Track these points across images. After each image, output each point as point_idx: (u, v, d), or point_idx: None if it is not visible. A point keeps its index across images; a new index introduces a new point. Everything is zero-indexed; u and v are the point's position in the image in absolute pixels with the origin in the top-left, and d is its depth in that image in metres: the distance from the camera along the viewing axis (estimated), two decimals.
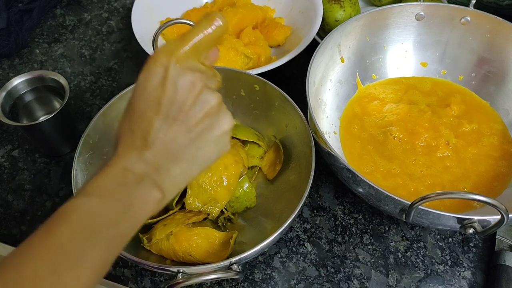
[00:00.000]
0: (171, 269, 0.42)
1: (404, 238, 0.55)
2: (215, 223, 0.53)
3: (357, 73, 0.64)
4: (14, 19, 0.76)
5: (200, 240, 0.49)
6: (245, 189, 0.54)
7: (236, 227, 0.53)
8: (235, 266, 0.41)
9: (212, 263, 0.42)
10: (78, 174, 0.49)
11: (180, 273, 0.41)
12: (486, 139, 0.58)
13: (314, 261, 0.53)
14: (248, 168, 0.57)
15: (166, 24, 0.52)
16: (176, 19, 0.53)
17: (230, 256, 0.46)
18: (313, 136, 0.51)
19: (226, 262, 0.41)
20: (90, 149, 0.52)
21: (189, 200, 0.51)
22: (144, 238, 0.50)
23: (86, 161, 0.51)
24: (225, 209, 0.53)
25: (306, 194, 0.46)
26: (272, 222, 0.52)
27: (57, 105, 0.65)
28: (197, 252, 0.48)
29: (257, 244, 0.43)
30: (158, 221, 0.51)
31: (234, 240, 0.49)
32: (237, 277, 0.41)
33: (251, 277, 0.52)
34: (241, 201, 0.54)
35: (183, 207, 0.52)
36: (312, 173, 0.48)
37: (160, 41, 0.73)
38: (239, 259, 0.42)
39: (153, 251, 0.49)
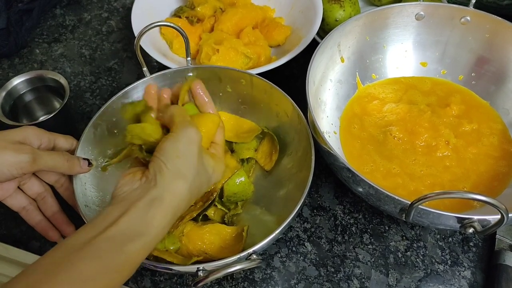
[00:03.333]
0: (189, 269, 0.42)
1: (404, 237, 0.55)
2: (221, 221, 0.53)
3: (357, 73, 0.64)
4: (14, 19, 0.76)
5: (212, 236, 0.49)
6: (237, 183, 0.54)
7: (242, 221, 0.54)
8: (254, 256, 0.42)
9: (229, 257, 0.41)
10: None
11: (200, 271, 0.41)
12: (486, 139, 0.58)
13: (314, 260, 0.53)
14: (243, 161, 0.57)
15: (148, 27, 0.52)
16: (159, 21, 0.53)
17: (243, 248, 0.47)
18: (313, 136, 0.51)
19: (245, 254, 0.42)
20: (92, 144, 0.52)
21: None
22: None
23: (87, 156, 0.51)
24: (228, 209, 0.54)
25: (306, 191, 0.46)
26: (276, 211, 0.53)
27: (57, 105, 0.65)
28: (212, 249, 0.48)
29: (269, 233, 0.43)
30: None
31: (246, 232, 0.49)
32: (260, 265, 0.41)
33: (251, 277, 0.52)
34: (239, 196, 0.54)
35: None
36: (312, 173, 0.48)
37: (160, 41, 0.73)
38: (257, 248, 0.42)
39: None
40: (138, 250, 0.36)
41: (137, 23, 0.70)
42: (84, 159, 0.50)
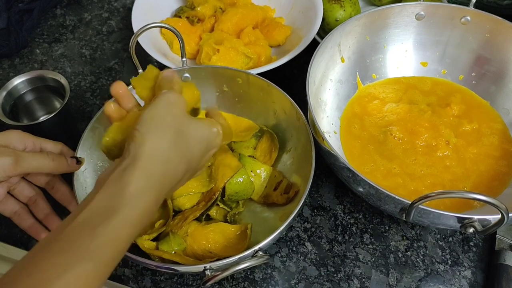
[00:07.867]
0: (196, 268, 0.42)
1: (404, 237, 0.55)
2: (224, 220, 0.54)
3: (357, 73, 0.64)
4: (14, 19, 0.76)
5: (216, 235, 0.49)
6: (239, 181, 0.54)
7: (244, 220, 0.54)
8: (260, 253, 0.42)
9: (236, 255, 0.41)
10: (78, 173, 0.49)
11: (208, 270, 0.40)
12: (486, 139, 0.58)
13: (314, 260, 0.54)
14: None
15: (143, 28, 0.52)
16: (154, 23, 0.53)
17: (248, 246, 0.47)
18: (313, 136, 0.51)
19: (251, 251, 0.42)
20: (90, 148, 0.52)
21: None
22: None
23: (86, 160, 0.51)
24: (229, 208, 0.54)
25: (306, 191, 0.46)
26: (277, 208, 0.53)
27: (58, 105, 0.65)
28: (216, 248, 0.48)
29: (271, 230, 0.43)
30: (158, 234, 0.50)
31: (250, 230, 0.49)
32: (268, 261, 0.41)
33: (251, 277, 0.52)
34: (240, 195, 0.54)
35: (175, 213, 0.53)
36: (312, 173, 0.48)
37: (161, 41, 0.73)
38: (263, 245, 0.42)
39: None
40: (116, 228, 0.31)
41: (138, 23, 0.70)
42: (71, 157, 0.48)
